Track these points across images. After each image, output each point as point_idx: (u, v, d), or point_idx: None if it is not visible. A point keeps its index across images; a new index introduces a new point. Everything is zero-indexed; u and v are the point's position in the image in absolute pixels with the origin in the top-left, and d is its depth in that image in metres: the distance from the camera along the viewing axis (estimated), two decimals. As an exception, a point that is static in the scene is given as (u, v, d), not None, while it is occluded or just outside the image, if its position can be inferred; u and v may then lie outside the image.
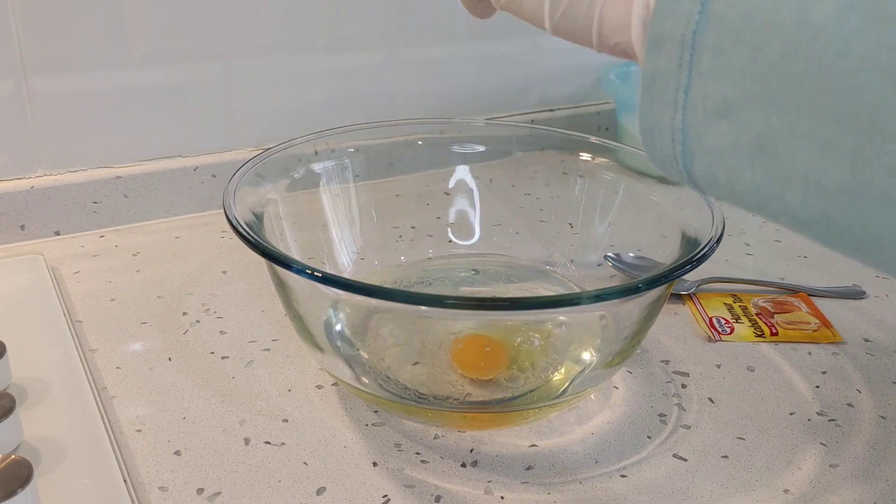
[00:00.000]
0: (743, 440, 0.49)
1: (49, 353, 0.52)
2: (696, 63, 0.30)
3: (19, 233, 0.69)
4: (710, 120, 0.30)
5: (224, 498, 0.43)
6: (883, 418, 0.51)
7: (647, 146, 0.33)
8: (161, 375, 0.52)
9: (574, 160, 0.61)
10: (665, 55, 0.31)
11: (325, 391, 0.52)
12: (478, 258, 0.63)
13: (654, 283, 0.42)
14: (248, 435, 0.48)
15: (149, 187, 0.72)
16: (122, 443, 0.46)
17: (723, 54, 0.29)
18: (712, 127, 0.30)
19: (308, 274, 0.41)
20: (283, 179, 0.56)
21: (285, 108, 0.77)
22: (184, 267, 0.66)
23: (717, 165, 0.30)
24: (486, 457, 0.47)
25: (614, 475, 0.46)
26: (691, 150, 0.31)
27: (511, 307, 0.45)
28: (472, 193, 0.65)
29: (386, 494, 0.44)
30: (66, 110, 0.68)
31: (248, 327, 0.58)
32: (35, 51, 0.65)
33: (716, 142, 0.30)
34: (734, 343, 0.58)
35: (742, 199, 0.31)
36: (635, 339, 0.48)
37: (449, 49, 0.83)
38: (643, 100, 0.32)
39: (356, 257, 0.61)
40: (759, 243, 0.73)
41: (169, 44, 0.70)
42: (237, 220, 0.45)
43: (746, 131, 0.29)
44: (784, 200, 0.29)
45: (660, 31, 0.31)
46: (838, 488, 0.45)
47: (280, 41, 0.75)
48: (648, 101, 0.32)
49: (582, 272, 0.61)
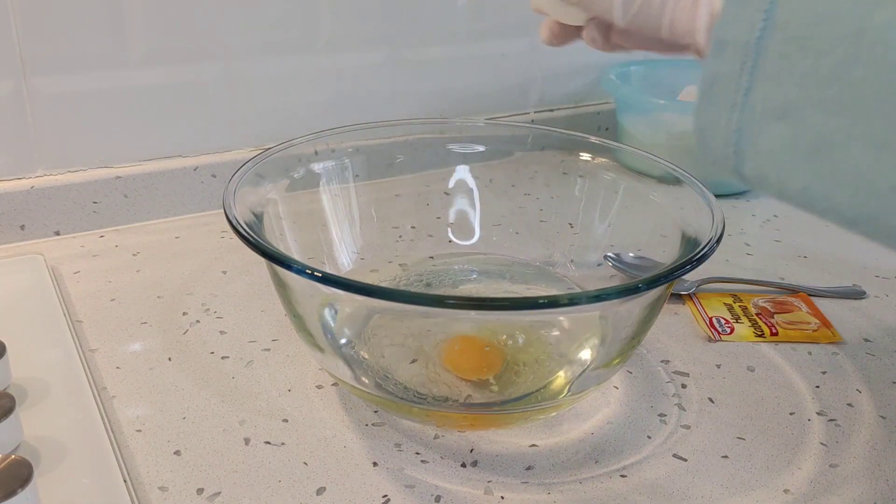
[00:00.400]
0: (743, 440, 0.49)
1: (49, 353, 0.52)
2: (759, 67, 0.31)
3: (19, 233, 0.69)
4: (767, 122, 0.31)
5: (224, 498, 0.43)
6: (883, 418, 0.51)
7: (701, 146, 0.34)
8: (161, 375, 0.52)
9: (574, 160, 0.61)
10: (727, 59, 0.32)
11: (325, 391, 0.52)
12: (478, 258, 0.63)
13: (654, 283, 0.42)
14: (248, 435, 0.48)
15: (149, 187, 0.72)
16: (122, 443, 0.46)
17: (787, 59, 0.30)
18: (769, 128, 0.31)
19: (308, 274, 0.41)
20: (283, 179, 0.56)
21: (285, 108, 0.77)
22: (184, 267, 0.66)
23: (769, 166, 0.32)
24: (486, 457, 0.47)
25: (614, 475, 0.46)
26: (743, 151, 0.32)
27: (511, 307, 0.45)
28: (472, 193, 0.65)
29: (386, 494, 0.44)
30: (66, 110, 0.68)
31: (248, 327, 0.58)
32: (35, 51, 0.65)
33: (771, 143, 0.31)
34: (734, 343, 0.58)
35: (790, 197, 0.32)
36: (635, 339, 0.48)
37: (449, 49, 0.83)
38: (701, 101, 0.33)
39: (356, 257, 0.61)
40: (759, 243, 0.73)
41: (169, 44, 0.70)
42: (237, 220, 0.45)
43: (804, 133, 0.30)
44: (833, 200, 0.30)
45: (723, 36, 0.32)
46: (838, 488, 0.45)
47: (280, 41, 0.75)
48: (706, 102, 0.33)
49: (582, 272, 0.61)
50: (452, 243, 0.64)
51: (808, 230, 0.76)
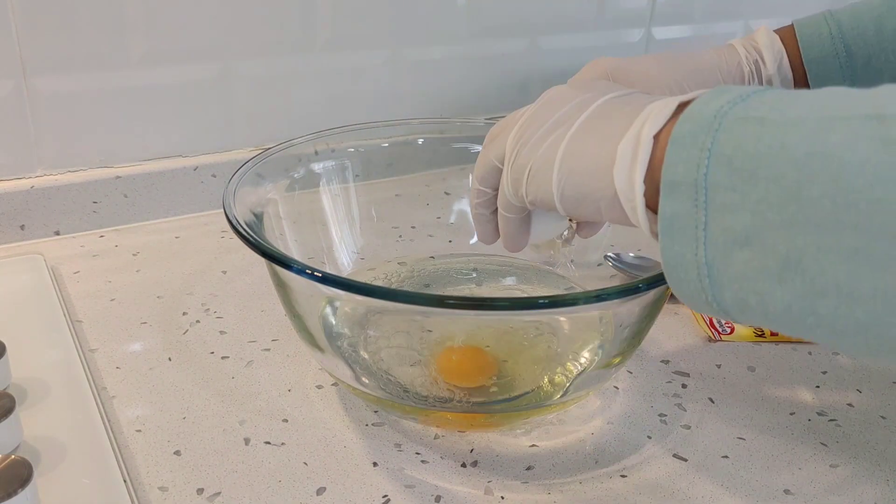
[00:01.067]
0: (743, 440, 0.49)
1: (49, 353, 0.52)
2: (710, 201, 0.32)
3: (19, 233, 0.69)
4: (732, 250, 0.32)
5: (224, 498, 0.43)
6: (883, 418, 0.51)
7: (674, 283, 0.35)
8: (161, 375, 0.52)
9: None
10: (680, 198, 0.33)
11: (325, 391, 0.52)
12: (478, 258, 0.63)
13: (654, 283, 0.42)
14: (248, 435, 0.48)
15: (149, 187, 0.72)
16: (122, 443, 0.46)
17: (736, 191, 0.31)
18: (735, 256, 0.32)
19: (308, 274, 0.41)
20: (283, 179, 0.56)
21: (285, 108, 0.77)
22: (184, 267, 0.66)
23: (746, 291, 0.32)
24: (486, 457, 0.47)
25: (614, 475, 0.46)
26: (718, 282, 0.33)
27: (511, 307, 0.45)
28: (472, 193, 0.65)
29: (386, 494, 0.44)
30: (66, 110, 0.68)
31: (248, 327, 0.58)
32: (35, 51, 0.65)
33: (741, 269, 0.32)
34: (734, 343, 0.58)
35: (776, 320, 0.32)
36: (635, 339, 0.48)
37: (449, 49, 0.83)
38: (664, 241, 0.34)
39: (356, 257, 0.61)
40: (759, 243, 0.73)
41: (169, 44, 0.70)
42: (237, 220, 0.45)
43: (771, 255, 0.31)
44: (818, 313, 0.30)
45: (672, 177, 0.33)
46: (838, 488, 0.45)
47: (280, 41, 0.75)
48: (669, 242, 0.34)
49: (582, 272, 0.61)
50: (452, 243, 0.64)
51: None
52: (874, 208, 0.28)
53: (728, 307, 0.34)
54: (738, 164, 0.31)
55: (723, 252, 0.32)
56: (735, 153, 0.31)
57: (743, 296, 0.32)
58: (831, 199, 0.29)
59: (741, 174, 0.31)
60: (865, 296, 0.29)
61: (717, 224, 0.32)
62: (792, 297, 0.31)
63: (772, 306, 0.32)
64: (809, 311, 0.30)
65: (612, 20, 0.92)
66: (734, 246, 0.32)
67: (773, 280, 0.31)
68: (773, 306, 0.31)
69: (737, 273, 0.32)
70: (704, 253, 0.33)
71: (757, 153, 0.31)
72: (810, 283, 0.30)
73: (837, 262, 0.29)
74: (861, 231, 0.28)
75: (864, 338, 0.30)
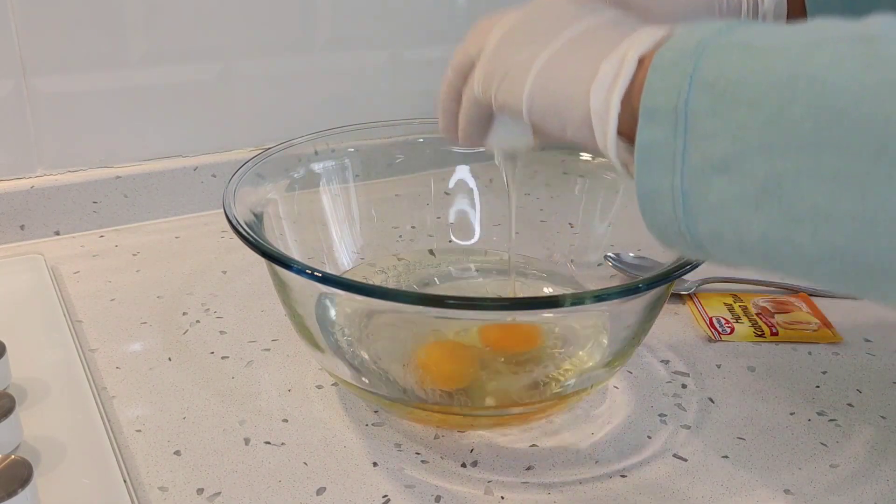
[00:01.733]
0: (743, 440, 0.49)
1: (49, 353, 0.52)
2: (690, 128, 0.31)
3: (19, 233, 0.69)
4: (710, 177, 0.31)
5: (224, 498, 0.43)
6: (883, 418, 0.51)
7: (647, 214, 0.34)
8: (161, 375, 0.52)
9: (574, 160, 0.61)
10: (659, 126, 0.32)
11: (325, 391, 0.52)
12: (478, 258, 0.63)
13: (654, 283, 0.42)
14: (248, 435, 0.48)
15: (149, 187, 0.72)
16: (122, 443, 0.46)
17: (716, 116, 0.31)
18: (714, 183, 0.31)
19: (308, 274, 0.41)
20: (283, 179, 0.56)
21: (285, 108, 0.77)
22: (184, 267, 0.66)
23: (721, 220, 0.32)
24: (486, 457, 0.47)
25: (614, 475, 0.46)
26: (693, 211, 0.32)
27: (511, 307, 0.45)
28: (472, 193, 0.65)
29: (386, 494, 0.44)
30: (66, 110, 0.68)
31: (248, 327, 0.58)
32: (35, 51, 0.65)
33: (719, 197, 0.31)
34: (734, 343, 0.58)
35: (750, 251, 0.32)
36: (635, 339, 0.48)
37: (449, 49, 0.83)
38: (640, 170, 0.33)
39: (356, 257, 0.61)
40: (760, 243, 0.73)
41: (169, 44, 0.70)
42: (237, 220, 0.45)
43: (750, 180, 0.30)
44: (794, 241, 0.30)
45: (651, 104, 0.33)
46: (838, 488, 0.45)
47: (280, 41, 0.75)
48: (646, 171, 0.33)
49: (582, 272, 0.61)
50: (452, 243, 0.64)
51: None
52: (857, 127, 0.27)
53: (702, 239, 0.33)
54: (720, 88, 0.31)
55: (700, 180, 0.31)
56: (717, 79, 0.31)
57: (718, 226, 0.32)
58: (814, 119, 0.28)
59: (723, 99, 0.31)
60: (844, 219, 0.28)
61: (695, 151, 0.31)
62: (768, 225, 0.30)
63: (747, 236, 0.31)
64: (785, 239, 0.30)
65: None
66: (712, 173, 0.31)
67: (751, 207, 0.30)
68: (749, 236, 0.31)
69: (713, 202, 0.31)
70: (681, 182, 0.32)
71: (740, 78, 0.30)
72: (788, 209, 0.29)
73: (817, 185, 0.28)
74: (842, 151, 0.28)
75: (840, 264, 0.29)
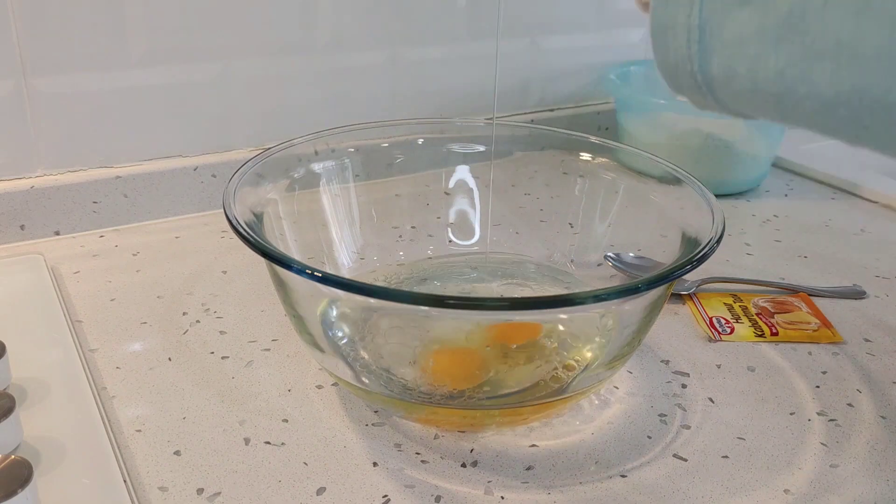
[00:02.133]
0: (743, 440, 0.49)
1: (49, 353, 0.52)
2: None
3: (19, 233, 0.69)
4: (730, 9, 0.30)
5: (224, 498, 0.43)
6: (883, 418, 0.51)
7: (659, 50, 0.33)
8: (161, 375, 0.52)
9: (574, 160, 0.61)
10: None
11: (325, 391, 0.52)
12: (478, 258, 0.63)
13: (654, 283, 0.42)
14: (248, 435, 0.48)
15: (149, 187, 0.72)
16: (122, 443, 0.46)
17: None
18: (733, 16, 0.30)
19: (308, 274, 0.41)
20: (283, 179, 0.56)
21: (285, 108, 0.77)
22: (184, 267, 0.66)
23: (737, 56, 0.30)
24: (486, 457, 0.47)
25: (614, 475, 0.46)
26: (708, 47, 0.31)
27: (511, 307, 0.45)
28: (472, 193, 0.65)
29: (386, 494, 0.44)
30: (66, 110, 0.68)
31: (248, 327, 0.58)
32: (35, 51, 0.65)
33: (737, 30, 0.30)
34: (734, 343, 0.58)
35: (764, 90, 0.30)
36: (635, 339, 0.48)
37: (449, 49, 0.83)
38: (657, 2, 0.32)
39: (356, 257, 0.61)
40: (759, 243, 0.73)
41: (169, 44, 0.70)
42: (237, 220, 0.45)
43: (772, 12, 0.29)
44: (812, 80, 0.29)
45: None
46: (838, 488, 0.45)
47: (280, 41, 0.75)
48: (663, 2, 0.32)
49: (582, 272, 0.61)
50: (452, 243, 0.64)
51: (808, 230, 0.76)
52: None
53: (713, 76, 0.32)
54: None
55: (720, 12, 0.30)
56: None
57: (732, 62, 0.31)
58: None
59: None
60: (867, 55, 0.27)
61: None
62: (787, 61, 0.29)
63: (762, 73, 0.30)
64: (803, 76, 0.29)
65: (612, 20, 0.92)
66: (733, 4, 0.30)
67: (770, 42, 0.29)
68: (765, 73, 0.30)
69: (731, 36, 0.30)
70: (699, 13, 0.31)
71: None
72: (810, 44, 0.28)
73: (842, 19, 0.27)
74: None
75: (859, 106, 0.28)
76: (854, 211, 0.80)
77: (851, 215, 0.79)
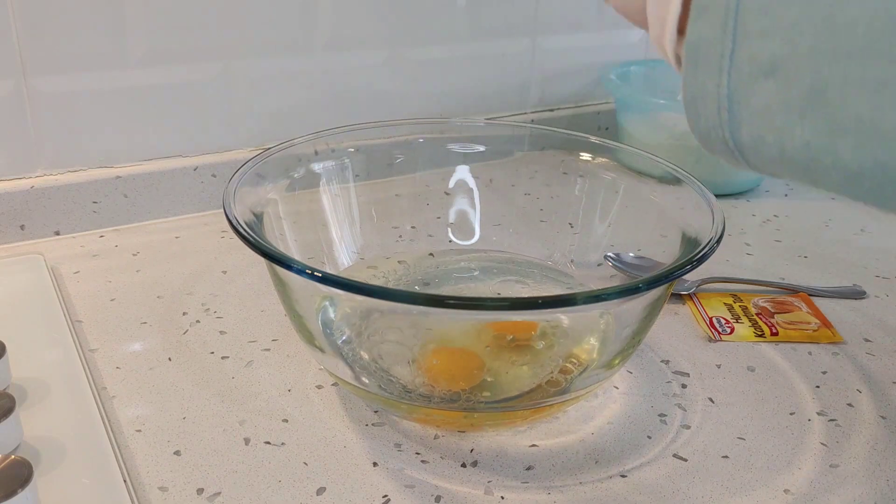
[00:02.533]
0: (743, 440, 0.49)
1: (49, 353, 0.52)
2: (740, 26, 0.31)
3: (19, 233, 0.69)
4: (756, 81, 0.30)
5: (224, 498, 0.43)
6: (883, 418, 0.51)
7: (692, 118, 0.34)
8: (161, 375, 0.52)
9: (574, 160, 0.61)
10: (708, 23, 0.31)
11: (325, 391, 0.52)
12: (478, 258, 0.63)
13: (654, 283, 0.42)
14: (248, 435, 0.48)
15: (149, 187, 0.72)
16: (122, 443, 0.46)
17: (768, 15, 0.30)
18: (759, 87, 0.30)
19: (308, 274, 0.41)
20: (283, 179, 0.56)
21: (285, 108, 0.77)
22: (184, 267, 0.66)
23: (765, 126, 0.31)
24: (486, 457, 0.47)
25: (614, 475, 0.46)
26: (737, 116, 0.32)
27: (511, 307, 0.45)
28: (472, 193, 0.65)
29: (386, 494, 0.44)
30: (66, 110, 0.68)
31: (248, 327, 0.58)
32: (35, 51, 0.65)
33: (763, 101, 0.30)
34: (734, 343, 0.58)
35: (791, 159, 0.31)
36: (635, 339, 0.48)
37: (449, 49, 0.83)
38: (687, 70, 0.33)
39: (356, 257, 0.61)
40: (759, 243, 0.73)
41: (169, 44, 0.70)
42: (237, 220, 0.45)
43: (796, 86, 0.29)
44: (836, 153, 0.29)
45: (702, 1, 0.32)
46: (838, 488, 0.45)
47: (280, 41, 0.75)
48: (693, 71, 0.32)
49: (582, 272, 0.61)
50: (452, 243, 0.64)
51: (807, 230, 0.76)
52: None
53: (744, 143, 0.32)
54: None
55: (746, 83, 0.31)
56: None
57: (761, 132, 0.31)
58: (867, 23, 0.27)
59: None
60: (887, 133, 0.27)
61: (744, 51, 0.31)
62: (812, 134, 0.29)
63: (790, 143, 0.30)
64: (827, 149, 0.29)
65: (612, 20, 0.91)
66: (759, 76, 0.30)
67: (795, 114, 0.30)
68: (792, 143, 0.30)
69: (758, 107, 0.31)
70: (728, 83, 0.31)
71: None
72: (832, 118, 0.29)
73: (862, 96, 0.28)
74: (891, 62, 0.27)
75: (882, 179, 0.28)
76: (854, 211, 0.80)
77: (851, 215, 0.79)
